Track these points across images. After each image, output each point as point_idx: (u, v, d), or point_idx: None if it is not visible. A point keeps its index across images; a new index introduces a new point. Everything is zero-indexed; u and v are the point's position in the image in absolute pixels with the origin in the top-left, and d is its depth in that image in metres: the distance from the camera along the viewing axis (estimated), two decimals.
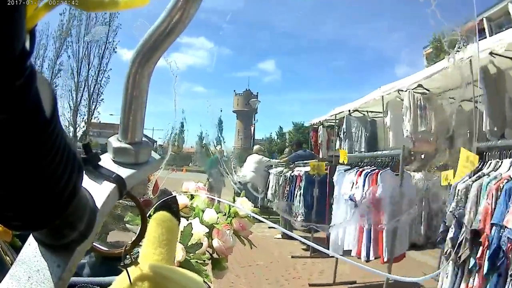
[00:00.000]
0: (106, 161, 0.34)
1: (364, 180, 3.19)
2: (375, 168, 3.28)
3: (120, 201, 0.35)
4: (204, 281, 0.44)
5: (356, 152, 6.30)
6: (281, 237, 5.87)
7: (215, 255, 0.90)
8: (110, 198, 0.31)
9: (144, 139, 0.36)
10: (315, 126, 8.77)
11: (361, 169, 3.37)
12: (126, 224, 0.75)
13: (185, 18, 0.31)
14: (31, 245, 0.30)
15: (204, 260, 0.84)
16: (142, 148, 0.35)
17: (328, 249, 3.04)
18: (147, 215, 0.43)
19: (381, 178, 3.09)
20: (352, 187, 3.31)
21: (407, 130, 4.90)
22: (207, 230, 0.91)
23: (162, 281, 0.37)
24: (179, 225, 0.46)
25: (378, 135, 6.47)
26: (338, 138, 7.29)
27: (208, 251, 0.89)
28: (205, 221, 0.93)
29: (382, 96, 5.47)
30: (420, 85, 4.80)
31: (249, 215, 1.02)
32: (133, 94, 0.33)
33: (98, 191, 0.31)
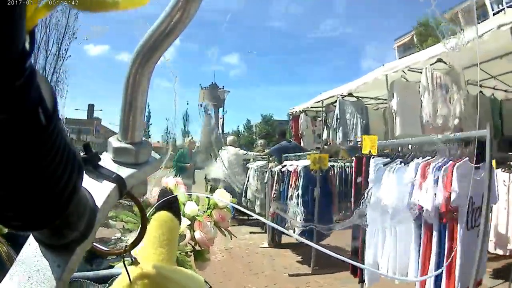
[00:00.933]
0: (106, 161, 0.34)
1: (437, 179, 1.99)
2: (446, 159, 2.07)
3: (120, 201, 0.35)
4: (205, 281, 0.45)
5: (351, 143, 5.60)
6: (267, 245, 4.84)
7: (197, 247, 0.92)
8: (110, 198, 0.31)
9: (144, 139, 0.36)
10: (295, 114, 7.73)
11: (425, 161, 2.15)
12: (110, 220, 0.74)
13: (185, 18, 0.31)
14: (31, 245, 0.30)
15: (187, 252, 0.85)
16: (142, 148, 0.36)
17: (362, 276, 2.47)
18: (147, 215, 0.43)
19: (459, 174, 1.92)
20: (413, 190, 2.11)
21: (426, 114, 3.98)
22: (189, 222, 0.92)
23: (162, 281, 0.38)
24: (180, 225, 0.46)
25: (371, 124, 5.77)
26: (326, 127, 6.46)
27: (190, 243, 0.90)
28: (186, 214, 0.94)
29: (386, 75, 4.57)
30: (440, 60, 3.95)
31: (228, 206, 1.04)
32: (133, 94, 0.33)
33: (98, 191, 0.31)
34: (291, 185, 4.17)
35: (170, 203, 0.45)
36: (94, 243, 0.35)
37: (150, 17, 0.32)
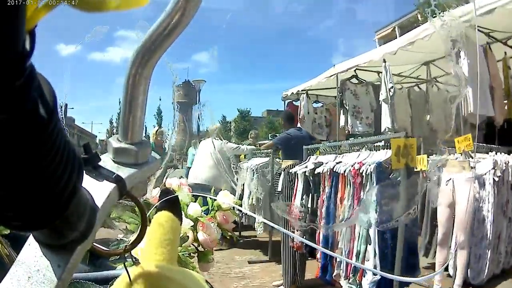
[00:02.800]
0: (106, 161, 0.34)
1: None
2: None
3: (120, 201, 0.35)
4: (206, 281, 0.45)
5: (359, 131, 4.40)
6: (281, 285, 3.13)
7: (200, 248, 0.92)
8: (110, 198, 0.32)
9: (144, 138, 0.36)
10: (291, 98, 6.22)
11: None
12: (113, 222, 0.74)
13: (185, 18, 0.31)
14: (31, 245, 0.30)
15: (190, 253, 0.85)
16: (142, 148, 0.36)
17: None
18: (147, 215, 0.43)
19: None
20: None
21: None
22: (192, 223, 0.92)
23: (163, 281, 0.37)
24: (181, 225, 0.46)
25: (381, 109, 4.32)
26: (344, 110, 4.79)
27: (193, 245, 0.90)
28: (189, 215, 0.94)
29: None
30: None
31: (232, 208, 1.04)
32: (133, 95, 0.34)
33: (98, 191, 0.31)
34: (340, 199, 2.35)
35: (171, 203, 0.45)
36: (94, 243, 0.35)
37: (150, 17, 0.32)
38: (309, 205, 2.65)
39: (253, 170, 4.00)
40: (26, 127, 0.19)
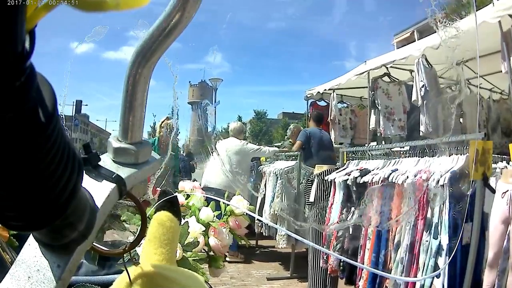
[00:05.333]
0: (106, 161, 0.34)
1: None
2: None
3: (120, 201, 0.35)
4: (205, 281, 0.44)
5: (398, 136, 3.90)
6: None
7: (211, 253, 0.91)
8: (110, 198, 0.32)
9: (144, 138, 0.36)
10: (315, 98, 5.56)
11: None
12: (124, 223, 0.75)
13: (185, 18, 0.31)
14: (31, 245, 0.30)
15: (201, 258, 0.84)
16: (142, 148, 0.36)
17: None
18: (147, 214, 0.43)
19: None
20: None
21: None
22: (204, 228, 0.91)
23: (162, 281, 0.37)
24: (180, 225, 0.46)
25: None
26: (376, 111, 4.23)
27: (204, 249, 0.90)
28: (201, 220, 0.93)
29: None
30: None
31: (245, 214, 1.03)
32: (133, 95, 0.34)
33: (98, 191, 0.31)
34: (395, 216, 1.85)
35: (170, 203, 0.45)
36: (94, 243, 0.35)
37: (150, 17, 0.32)
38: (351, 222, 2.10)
39: (276, 175, 3.39)
40: (26, 127, 0.19)
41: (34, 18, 0.22)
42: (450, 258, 1.50)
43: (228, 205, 1.01)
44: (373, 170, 2.10)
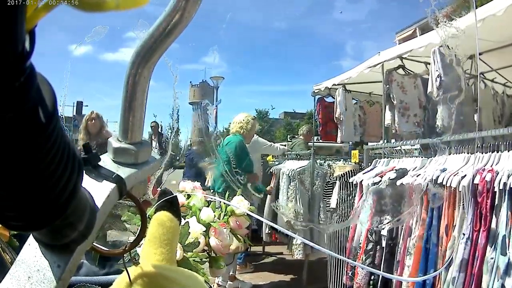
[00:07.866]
0: (106, 161, 0.34)
1: None
2: None
3: (120, 201, 0.35)
4: (205, 281, 0.44)
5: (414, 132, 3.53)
6: None
7: (212, 254, 0.91)
8: (110, 198, 0.32)
9: (143, 138, 0.36)
10: (322, 94, 4.84)
11: None
12: (125, 224, 0.75)
13: (185, 18, 0.31)
14: (31, 245, 0.30)
15: (202, 259, 0.84)
16: (142, 148, 0.36)
17: None
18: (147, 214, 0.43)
19: None
20: None
21: None
22: (204, 228, 0.91)
23: (162, 281, 0.37)
24: (180, 225, 0.46)
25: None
26: (390, 106, 3.74)
27: (205, 250, 0.90)
28: (202, 220, 0.93)
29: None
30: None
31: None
32: (133, 95, 0.34)
33: (98, 191, 0.31)
34: (446, 227, 1.54)
35: (170, 203, 0.45)
36: (94, 243, 0.35)
37: (150, 17, 0.32)
38: (385, 233, 1.74)
39: (289, 176, 3.00)
40: (26, 127, 0.19)
41: (34, 18, 0.22)
42: None
43: (229, 205, 1.01)
44: (410, 170, 1.79)
